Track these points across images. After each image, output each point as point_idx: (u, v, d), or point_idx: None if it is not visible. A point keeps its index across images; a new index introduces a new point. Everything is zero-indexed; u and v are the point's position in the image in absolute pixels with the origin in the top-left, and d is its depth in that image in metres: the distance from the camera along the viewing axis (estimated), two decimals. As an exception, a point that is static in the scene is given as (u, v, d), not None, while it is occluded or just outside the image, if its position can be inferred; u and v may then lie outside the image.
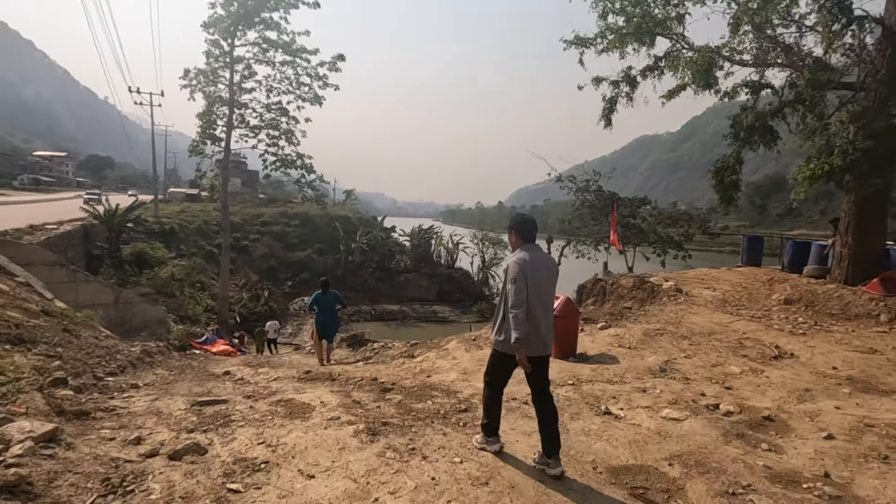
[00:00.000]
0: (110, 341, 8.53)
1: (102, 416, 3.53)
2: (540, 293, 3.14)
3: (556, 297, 5.30)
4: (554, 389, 4.36)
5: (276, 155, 19.26)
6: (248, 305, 27.28)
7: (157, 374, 6.81)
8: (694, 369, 5.25)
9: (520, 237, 3.33)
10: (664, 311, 7.13)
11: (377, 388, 4.62)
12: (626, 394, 4.53)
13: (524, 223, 3.38)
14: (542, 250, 3.36)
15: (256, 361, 8.89)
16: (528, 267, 3.11)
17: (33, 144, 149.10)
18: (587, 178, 20.17)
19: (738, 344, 5.96)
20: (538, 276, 3.14)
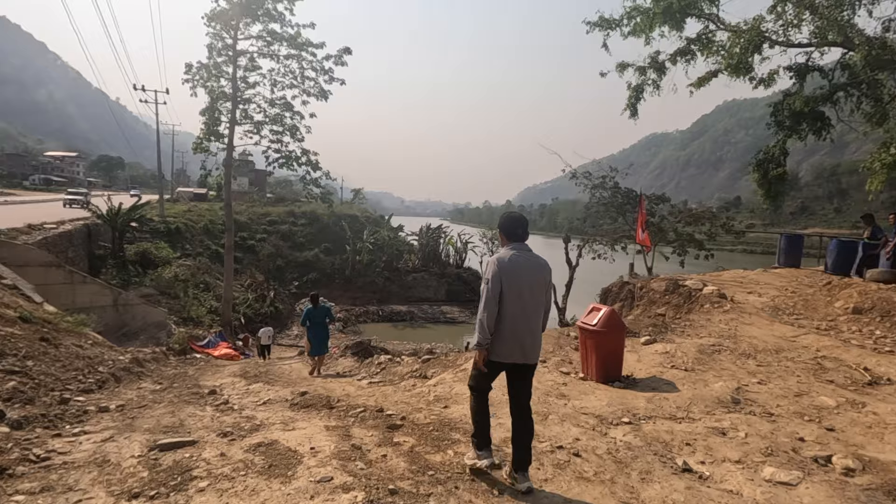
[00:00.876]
0: (96, 350, 7.88)
1: (24, 472, 2.79)
2: (521, 296, 2.93)
3: (598, 308, 4.52)
4: (608, 430, 3.57)
5: (279, 151, 18.62)
6: (253, 306, 26.75)
7: (140, 389, 6.14)
8: (774, 400, 4.35)
9: (505, 236, 3.16)
10: (711, 320, 6.30)
11: (383, 423, 3.84)
12: (702, 437, 3.65)
13: (509, 221, 3.17)
14: (530, 250, 3.11)
15: (254, 371, 8.22)
16: (507, 267, 2.92)
17: (46, 145, 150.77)
18: (603, 175, 19.30)
19: (817, 365, 5.06)
20: (519, 277, 2.93)
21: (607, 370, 4.84)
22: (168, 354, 11.95)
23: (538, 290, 3.01)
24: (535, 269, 3.01)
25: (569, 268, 16.67)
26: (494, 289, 2.89)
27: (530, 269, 2.99)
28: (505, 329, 2.90)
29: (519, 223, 3.16)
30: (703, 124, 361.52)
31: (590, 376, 4.93)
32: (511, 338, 2.91)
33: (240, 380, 7.19)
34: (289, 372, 8.02)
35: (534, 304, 2.99)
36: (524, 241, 3.13)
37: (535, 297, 3.00)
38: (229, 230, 19.58)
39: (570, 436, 3.55)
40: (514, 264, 2.95)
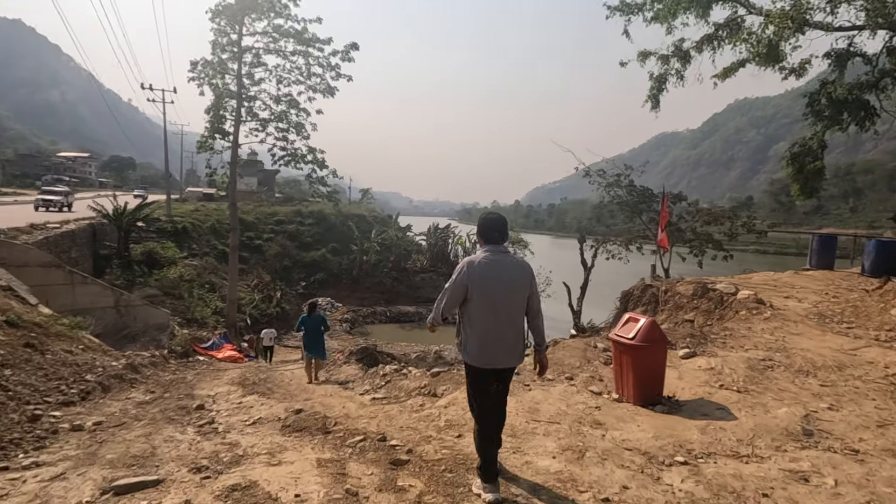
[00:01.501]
0: (88, 355, 7.46)
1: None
2: (494, 302, 2.84)
3: (635, 319, 3.96)
4: (661, 474, 2.99)
5: (285, 149, 18.23)
6: (259, 307, 26.41)
7: (126, 401, 5.70)
8: (854, 431, 3.63)
9: (481, 238, 3.06)
10: (753, 330, 5.67)
11: (385, 457, 3.29)
12: (780, 485, 2.93)
13: (485, 223, 3.04)
14: (507, 253, 3.00)
15: (253, 378, 7.76)
16: (477, 272, 2.83)
17: (60, 146, 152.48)
18: (617, 173, 18.65)
19: (891, 385, 4.32)
20: (491, 282, 2.83)
21: (647, 391, 4.18)
22: (168, 358, 11.56)
23: (515, 294, 2.89)
24: (509, 273, 2.88)
25: (584, 269, 16.07)
26: (458, 286, 2.85)
27: (505, 273, 2.86)
28: (479, 337, 2.84)
29: (495, 226, 3.00)
30: (713, 123, 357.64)
31: (626, 397, 4.31)
32: (486, 345, 2.84)
33: (236, 389, 6.73)
34: (289, 380, 7.55)
35: (509, 308, 2.87)
36: (501, 244, 3.01)
37: (512, 302, 2.88)
38: (234, 229, 19.25)
39: (616, 482, 2.96)
40: (486, 268, 2.84)
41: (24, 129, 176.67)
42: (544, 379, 4.60)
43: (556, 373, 4.90)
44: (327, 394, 5.70)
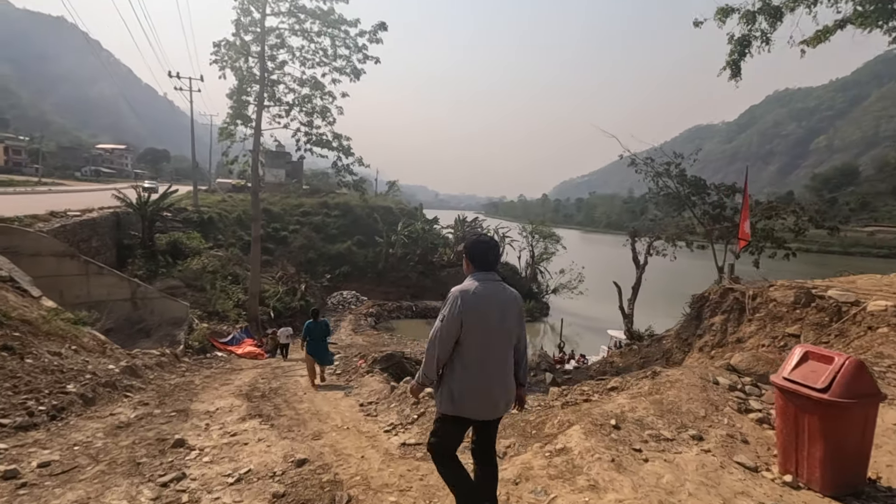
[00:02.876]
0: (78, 359, 6.56)
1: None
2: (488, 338, 2.48)
3: (825, 357, 2.62)
4: None
5: (309, 134, 17.29)
6: (283, 299, 25.77)
7: (102, 422, 4.69)
8: None
9: (471, 262, 2.70)
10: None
11: None
12: None
13: (477, 245, 2.72)
14: (499, 281, 2.64)
15: (264, 387, 6.75)
16: (472, 303, 2.46)
17: (99, 139, 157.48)
18: (667, 162, 17.02)
19: None
20: (487, 316, 2.47)
21: (845, 473, 2.70)
22: (181, 356, 10.76)
23: (511, 329, 2.58)
24: (504, 306, 2.56)
25: (636, 267, 14.58)
26: (452, 324, 2.46)
27: (500, 305, 2.55)
28: (472, 380, 2.48)
29: (488, 248, 2.71)
30: (751, 115, 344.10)
31: (806, 479, 2.83)
32: (481, 391, 2.49)
33: (240, 404, 5.72)
34: (303, 392, 6.53)
35: (505, 346, 2.57)
36: (492, 270, 2.68)
37: (506, 339, 2.57)
38: (256, 219, 18.49)
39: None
40: (481, 300, 2.51)
41: (66, 123, 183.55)
42: (653, 438, 3.26)
43: (674, 426, 3.41)
44: (343, 424, 4.58)
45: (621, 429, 3.34)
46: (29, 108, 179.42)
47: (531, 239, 38.28)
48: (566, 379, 8.02)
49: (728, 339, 6.37)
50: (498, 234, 41.55)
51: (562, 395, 4.23)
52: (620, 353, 9.36)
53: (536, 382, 7.91)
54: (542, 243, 38.04)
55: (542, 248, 38.03)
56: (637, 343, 9.49)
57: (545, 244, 37.95)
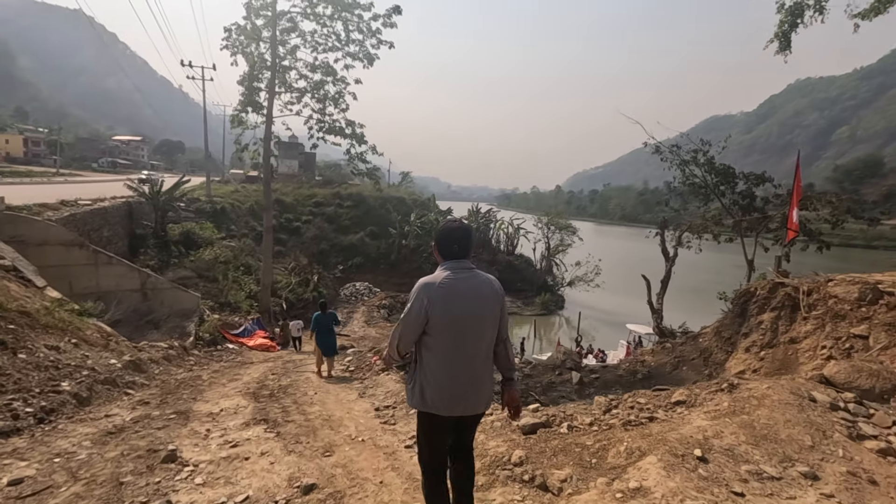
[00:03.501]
0: (78, 353, 6.19)
1: None
2: (460, 332, 2.30)
3: None
4: None
5: (321, 122, 16.81)
6: (296, 290, 25.54)
7: (98, 424, 4.28)
8: None
9: (439, 251, 2.47)
10: None
11: None
12: None
13: (443, 234, 2.46)
14: (472, 269, 2.43)
15: (274, 385, 6.32)
16: (438, 296, 2.27)
17: (116, 130, 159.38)
18: (694, 149, 16.18)
19: None
20: (456, 307, 2.28)
21: None
22: (189, 349, 10.42)
23: (486, 321, 2.35)
24: (479, 295, 2.34)
25: (665, 260, 13.86)
26: (415, 317, 2.27)
27: (473, 296, 2.32)
28: (442, 378, 2.30)
29: (458, 237, 2.43)
30: (770, 105, 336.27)
31: None
32: (451, 388, 2.31)
33: (246, 405, 5.29)
34: (314, 392, 6.09)
35: (479, 340, 2.34)
36: (464, 259, 2.44)
37: (483, 331, 2.34)
38: (268, 209, 18.11)
39: None
40: (450, 291, 2.29)
41: (84, 115, 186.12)
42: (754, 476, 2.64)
43: (776, 459, 2.75)
44: (358, 434, 4.07)
45: (709, 462, 2.68)
46: (48, 100, 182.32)
47: (547, 231, 37.51)
48: (594, 379, 7.47)
49: (780, 339, 5.77)
50: (512, 226, 40.89)
51: (612, 406, 3.69)
52: (652, 350, 8.78)
53: (562, 382, 7.38)
54: (558, 235, 37.27)
55: (558, 239, 37.25)
56: (670, 340, 8.87)
57: (561, 236, 37.17)
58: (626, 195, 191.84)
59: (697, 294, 45.55)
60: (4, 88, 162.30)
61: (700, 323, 17.66)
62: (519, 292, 36.09)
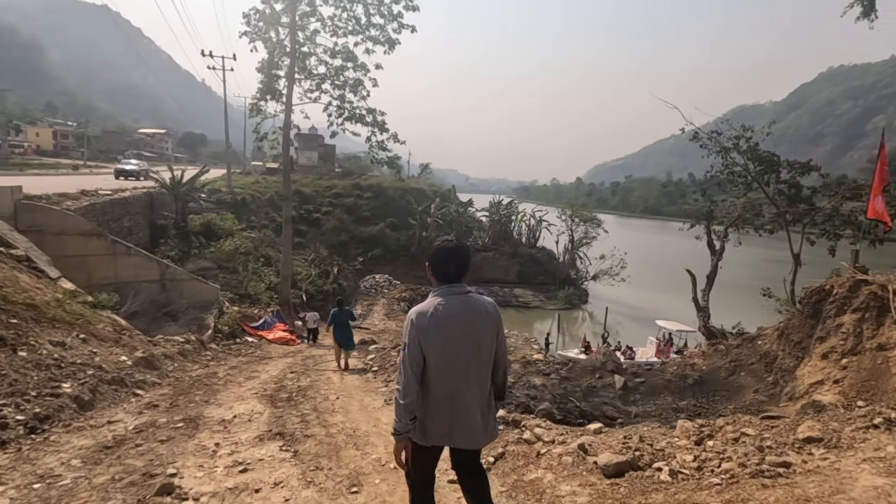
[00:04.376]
0: (85, 350, 5.78)
1: None
2: (455, 363, 2.14)
3: None
4: None
5: (341, 108, 16.28)
6: (315, 282, 25.26)
7: (97, 433, 3.83)
8: None
9: (434, 274, 2.31)
10: None
11: None
12: None
13: (438, 255, 2.28)
14: (468, 293, 2.25)
15: (290, 388, 5.83)
16: (430, 326, 2.11)
17: (141, 124, 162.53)
18: (736, 135, 15.17)
19: None
20: (450, 337, 2.12)
21: None
22: (206, 343, 10.06)
23: (483, 349, 2.21)
24: (475, 320, 2.18)
25: (711, 254, 12.96)
26: (413, 357, 2.11)
27: (469, 322, 2.17)
28: (438, 409, 2.16)
29: (452, 258, 2.24)
30: (801, 95, 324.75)
31: None
32: (449, 420, 2.17)
33: (261, 411, 4.79)
34: (335, 397, 5.58)
35: (478, 369, 2.20)
36: (459, 281, 2.25)
37: (481, 360, 2.21)
38: (287, 199, 17.75)
39: None
40: (442, 320, 2.12)
41: (110, 108, 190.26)
42: None
43: None
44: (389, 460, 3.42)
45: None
46: (77, 94, 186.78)
47: (570, 223, 36.49)
48: (639, 384, 6.81)
49: (865, 345, 5.03)
50: (535, 218, 39.96)
51: (704, 434, 3.03)
52: (702, 352, 8.02)
53: (604, 387, 6.75)
54: (583, 227, 36.22)
55: (582, 232, 36.19)
56: (723, 342, 8.11)
57: (586, 228, 36.11)
58: (648, 187, 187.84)
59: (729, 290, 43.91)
60: (35, 83, 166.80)
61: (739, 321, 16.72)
62: (541, 286, 35.28)
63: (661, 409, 6.14)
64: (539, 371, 7.17)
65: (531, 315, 32.22)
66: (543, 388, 6.60)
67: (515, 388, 6.57)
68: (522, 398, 6.21)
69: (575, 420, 6.13)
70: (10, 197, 10.60)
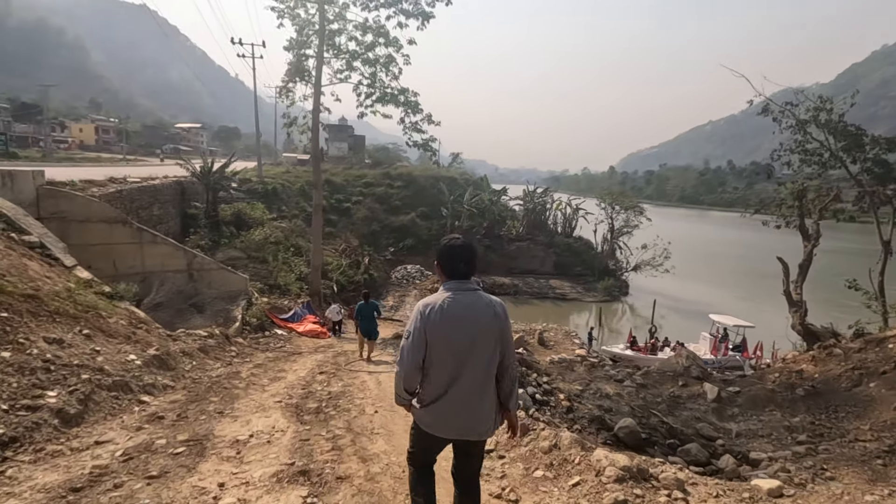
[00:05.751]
0: (87, 348, 5.02)
1: None
2: (457, 357, 2.20)
3: None
4: None
5: (372, 87, 15.31)
6: (346, 273, 24.63)
7: (74, 464, 2.96)
8: None
9: (442, 270, 2.37)
10: None
11: None
12: None
13: (448, 252, 2.35)
14: (477, 291, 2.31)
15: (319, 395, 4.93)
16: (437, 320, 2.18)
17: (179, 119, 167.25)
18: (816, 107, 13.43)
19: None
20: (451, 333, 2.19)
21: None
22: (231, 338, 9.33)
23: (488, 347, 2.23)
24: (481, 318, 2.22)
25: (804, 239, 11.42)
26: (416, 346, 2.21)
27: (475, 319, 2.21)
28: (440, 401, 2.24)
29: (461, 254, 2.32)
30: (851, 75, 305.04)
31: None
32: (448, 412, 2.24)
33: (286, 426, 3.88)
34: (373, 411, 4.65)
35: (481, 366, 2.23)
36: (468, 278, 2.32)
37: (484, 358, 2.23)
38: (317, 186, 16.98)
39: None
40: (449, 315, 2.19)
41: (151, 104, 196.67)
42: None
43: None
44: None
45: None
46: (119, 91, 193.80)
47: (610, 211, 34.67)
48: (735, 394, 5.60)
49: None
50: (571, 207, 38.30)
51: None
52: (811, 357, 6.69)
53: (691, 397, 5.59)
54: (624, 215, 34.34)
55: (623, 220, 34.32)
56: (837, 345, 6.77)
57: (627, 216, 34.22)
58: (685, 175, 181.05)
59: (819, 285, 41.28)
60: (80, 82, 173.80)
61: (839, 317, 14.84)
62: (578, 277, 33.76)
63: (769, 426, 4.97)
64: (609, 377, 6.06)
65: (568, 307, 30.82)
66: (618, 399, 5.48)
67: (584, 398, 5.47)
68: (595, 410, 5.10)
69: (663, 439, 4.96)
70: (31, 182, 10.13)
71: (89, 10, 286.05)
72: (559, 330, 22.16)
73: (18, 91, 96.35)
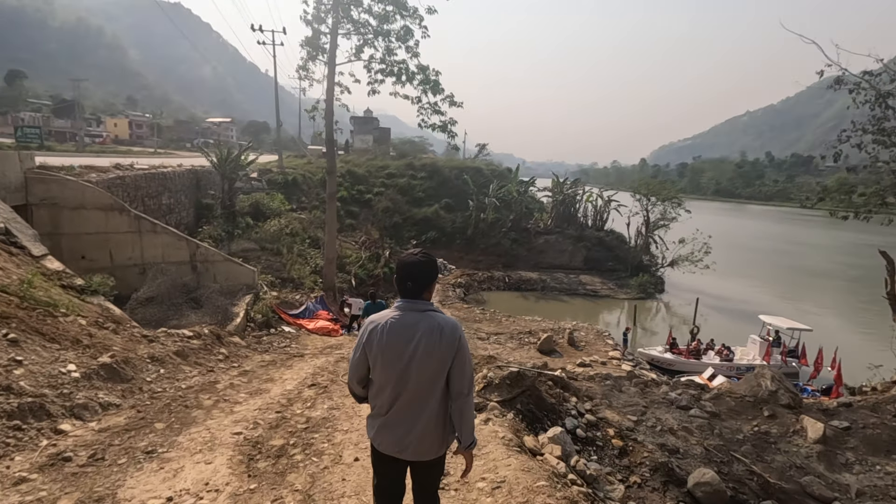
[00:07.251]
0: (2, 357, 3.96)
1: None
2: (399, 376, 2.15)
3: None
4: None
5: (385, 62, 14.12)
6: (366, 266, 23.69)
7: None
8: None
9: (396, 287, 2.30)
10: None
11: None
12: None
13: (398, 269, 2.25)
14: (426, 312, 2.17)
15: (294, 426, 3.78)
16: (376, 337, 2.16)
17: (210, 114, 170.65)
18: None
19: None
20: (391, 352, 2.14)
21: None
22: (223, 337, 8.31)
23: (426, 367, 2.13)
24: (422, 340, 2.12)
25: None
26: (358, 363, 2.25)
27: (413, 340, 2.12)
28: (385, 416, 2.23)
29: (409, 272, 2.19)
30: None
31: None
32: (386, 427, 2.23)
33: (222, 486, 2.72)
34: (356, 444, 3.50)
35: (420, 384, 2.15)
36: (418, 297, 2.20)
37: (422, 376, 2.14)
38: (332, 172, 15.96)
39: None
40: (389, 335, 2.15)
41: (184, 100, 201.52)
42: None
43: None
44: None
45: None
46: (154, 88, 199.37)
47: (646, 202, 32.57)
48: (844, 431, 4.21)
49: None
50: (602, 199, 36.33)
51: None
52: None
53: (783, 436, 4.21)
54: (661, 207, 32.18)
55: (661, 212, 32.16)
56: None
57: (664, 208, 32.06)
58: (720, 168, 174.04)
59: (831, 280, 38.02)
60: (118, 79, 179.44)
61: None
62: (611, 272, 31.93)
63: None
64: (668, 401, 4.70)
65: (600, 305, 29.08)
66: (686, 436, 4.14)
67: (640, 432, 4.14)
68: (658, 453, 3.78)
69: (756, 499, 3.58)
70: (18, 165, 9.37)
71: (126, 10, 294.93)
72: (590, 329, 20.61)
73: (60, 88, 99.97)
